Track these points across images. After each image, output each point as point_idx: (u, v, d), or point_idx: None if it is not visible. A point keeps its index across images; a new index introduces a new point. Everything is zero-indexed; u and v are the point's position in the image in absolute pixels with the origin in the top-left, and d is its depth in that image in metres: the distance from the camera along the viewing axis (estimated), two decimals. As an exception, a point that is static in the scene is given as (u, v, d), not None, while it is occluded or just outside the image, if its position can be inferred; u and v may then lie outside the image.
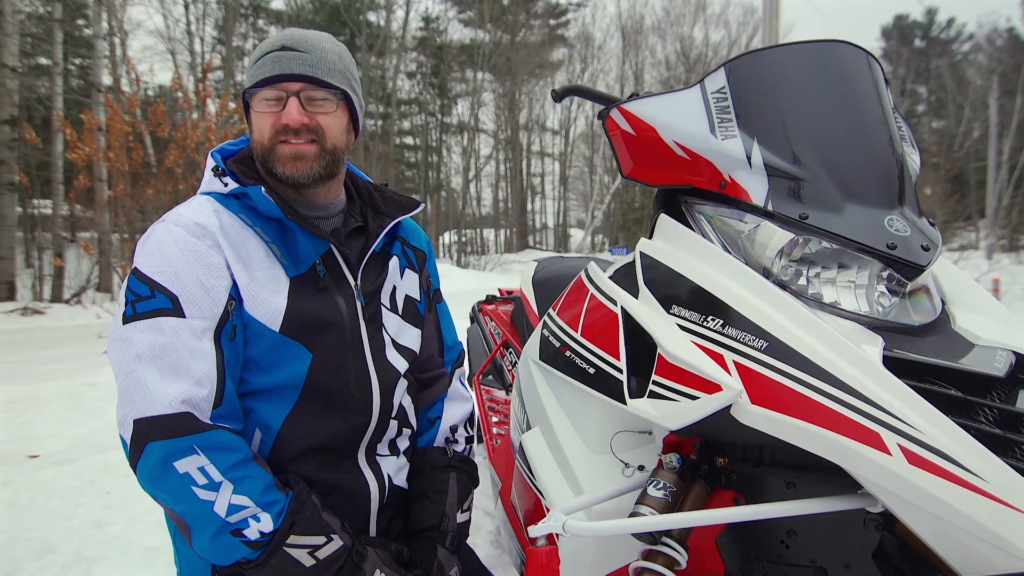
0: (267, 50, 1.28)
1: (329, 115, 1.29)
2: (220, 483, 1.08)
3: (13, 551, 2.28)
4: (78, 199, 10.68)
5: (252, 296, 1.22)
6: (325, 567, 1.12)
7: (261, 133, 1.27)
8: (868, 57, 1.31)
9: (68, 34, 16.81)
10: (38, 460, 3.33)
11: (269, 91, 1.26)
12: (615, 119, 1.40)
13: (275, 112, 1.26)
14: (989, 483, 0.85)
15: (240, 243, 1.24)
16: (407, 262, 1.49)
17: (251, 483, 1.11)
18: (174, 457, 1.07)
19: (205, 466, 1.08)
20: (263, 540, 1.09)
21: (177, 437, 1.08)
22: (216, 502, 1.07)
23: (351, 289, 1.33)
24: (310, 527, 1.13)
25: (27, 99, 15.20)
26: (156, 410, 1.08)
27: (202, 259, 1.19)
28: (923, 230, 1.15)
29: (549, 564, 0.99)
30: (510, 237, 35.93)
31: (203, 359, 1.14)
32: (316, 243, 1.30)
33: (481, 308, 3.17)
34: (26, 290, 13.56)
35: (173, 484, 1.08)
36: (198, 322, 1.15)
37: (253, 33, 28.54)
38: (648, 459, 1.27)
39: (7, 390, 4.83)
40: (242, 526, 1.08)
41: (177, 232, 1.20)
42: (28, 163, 15.17)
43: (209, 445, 1.09)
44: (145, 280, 1.17)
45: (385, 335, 1.39)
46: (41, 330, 9.65)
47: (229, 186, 1.27)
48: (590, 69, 34.10)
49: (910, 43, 35.99)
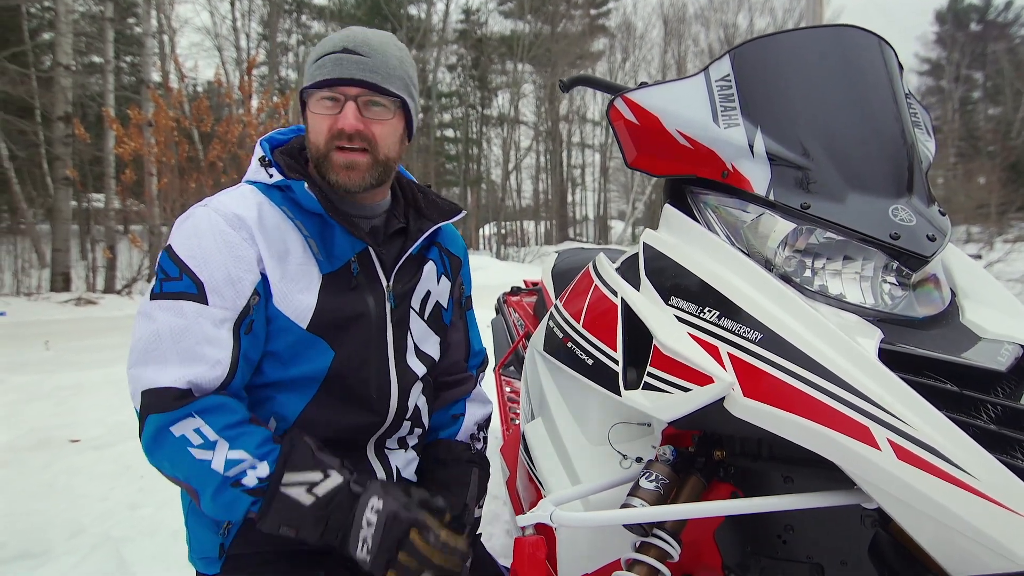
0: (328, 50, 1.27)
1: (384, 123, 1.28)
2: (215, 442, 1.10)
3: (48, 531, 2.38)
4: (126, 193, 11.01)
5: (282, 293, 1.23)
6: (325, 503, 1.11)
7: (317, 136, 1.27)
8: (880, 42, 1.27)
9: (119, 32, 17.31)
10: (79, 444, 3.47)
11: (327, 93, 1.26)
12: (619, 108, 1.38)
13: (332, 115, 1.25)
14: (980, 481, 0.82)
15: (278, 237, 1.25)
16: (443, 268, 1.49)
17: (247, 439, 1.12)
18: (171, 423, 1.10)
19: (200, 427, 1.10)
20: (262, 485, 1.10)
21: (175, 409, 1.11)
22: (213, 460, 1.09)
23: (383, 290, 1.34)
24: (304, 463, 1.13)
25: (81, 96, 15.72)
26: (162, 383, 1.12)
27: (234, 250, 1.20)
28: (930, 219, 1.12)
29: (534, 553, 1.00)
30: (550, 229, 35.85)
31: (219, 347, 1.16)
32: (353, 241, 1.31)
33: (506, 299, 3.18)
34: (80, 281, 14.07)
35: (171, 448, 1.10)
36: (219, 311, 1.17)
37: (297, 29, 28.99)
38: (646, 451, 1.27)
39: (57, 377, 5.01)
40: (240, 477, 1.10)
41: (215, 220, 1.22)
42: (82, 158, 15.71)
43: (204, 408, 1.12)
44: (176, 261, 1.19)
45: (410, 339, 1.39)
46: (92, 320, 10.00)
47: (274, 177, 1.28)
48: (631, 59, 33.73)
49: (965, 27, 34.66)
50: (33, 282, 13.97)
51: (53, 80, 13.75)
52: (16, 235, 16.34)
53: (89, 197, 16.85)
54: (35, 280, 14.07)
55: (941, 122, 29.57)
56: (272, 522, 1.10)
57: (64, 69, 13.29)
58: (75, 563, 2.21)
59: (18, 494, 2.84)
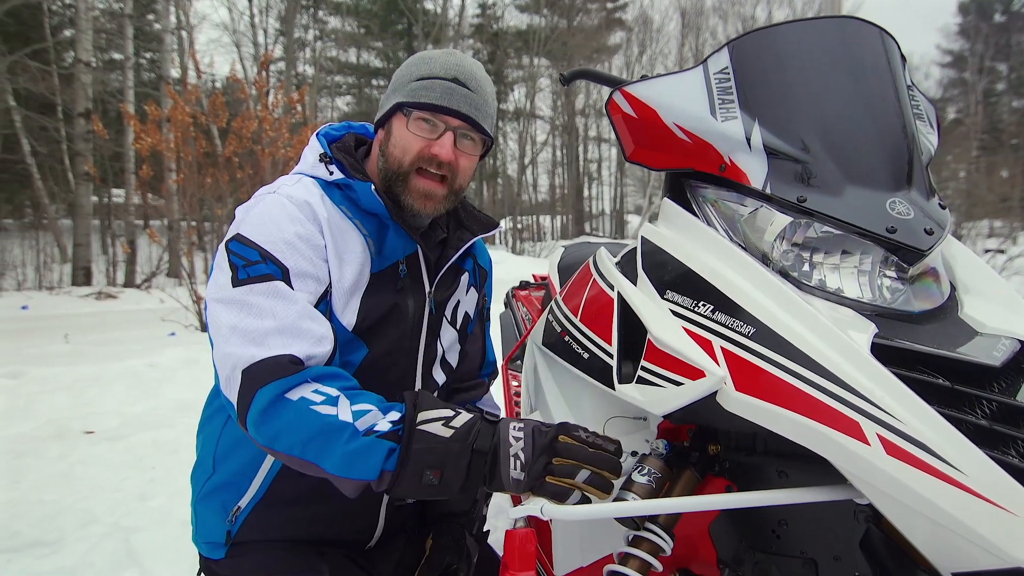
0: (438, 75, 1.29)
1: (470, 158, 1.33)
2: (337, 397, 1.06)
3: (61, 520, 2.43)
4: (143, 188, 11.14)
5: (337, 294, 1.23)
6: (464, 434, 1.05)
7: (404, 153, 1.28)
8: (881, 34, 1.26)
9: (139, 29, 17.50)
10: (93, 436, 3.53)
11: (428, 115, 1.28)
12: (617, 101, 1.38)
13: (428, 139, 1.28)
14: (969, 477, 0.81)
15: (339, 235, 1.25)
16: (473, 280, 1.51)
17: (366, 396, 1.09)
18: (287, 389, 1.05)
19: (319, 388, 1.06)
20: (396, 428, 1.04)
21: (292, 375, 1.06)
22: (339, 413, 1.04)
23: (424, 294, 1.35)
24: (434, 404, 1.09)
25: (101, 93, 15.91)
26: (265, 355, 1.07)
27: (311, 240, 1.21)
28: (929, 213, 1.10)
29: (524, 546, 0.99)
30: (566, 223, 35.75)
31: (319, 323, 1.15)
32: (406, 243, 1.32)
33: (515, 294, 3.18)
34: (101, 275, 14.27)
35: (291, 413, 1.04)
36: (305, 295, 1.17)
37: (314, 24, 29.10)
38: (642, 446, 1.26)
39: (76, 370, 5.08)
40: (372, 426, 1.04)
41: (289, 207, 1.22)
42: (102, 154, 15.92)
43: (319, 375, 1.08)
44: (254, 246, 1.17)
45: (439, 347, 1.41)
46: (112, 313, 10.15)
47: (334, 175, 1.29)
48: (648, 52, 33.49)
49: (989, 18, 34.04)
50: (55, 276, 14.21)
51: (74, 77, 13.94)
52: (39, 230, 16.61)
53: (109, 192, 17.08)
54: (57, 275, 14.31)
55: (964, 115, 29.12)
56: (414, 467, 1.02)
57: (84, 66, 13.46)
58: (85, 551, 2.26)
59: (33, 483, 2.90)
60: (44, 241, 15.92)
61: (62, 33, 18.80)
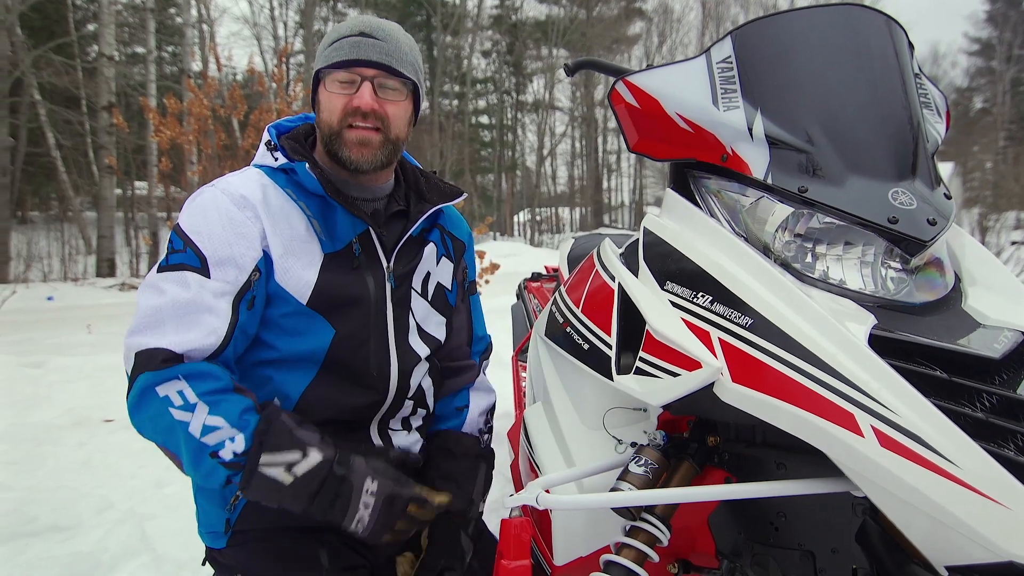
0: (345, 34, 1.32)
1: (396, 104, 1.33)
2: (195, 404, 1.11)
3: (78, 506, 2.48)
4: (165, 180, 11.28)
5: (284, 268, 1.27)
6: (306, 483, 1.12)
7: (331, 114, 1.31)
8: (887, 21, 1.24)
9: (160, 23, 17.65)
10: (112, 424, 3.59)
11: (344, 74, 1.30)
12: (620, 92, 1.37)
13: (347, 95, 1.30)
14: (963, 470, 0.80)
15: (282, 216, 1.29)
16: (444, 250, 1.51)
17: (227, 406, 1.14)
18: (157, 383, 1.12)
19: (183, 389, 1.12)
20: (238, 460, 1.11)
21: (163, 369, 1.13)
22: (191, 423, 1.11)
23: (383, 271, 1.37)
24: (281, 442, 1.13)
25: (123, 86, 16.10)
26: (155, 345, 1.15)
27: (237, 228, 1.25)
28: (932, 203, 1.08)
29: (519, 536, 1.00)
30: (585, 215, 35.65)
31: (217, 316, 1.20)
32: (355, 222, 1.34)
33: (526, 285, 3.18)
34: (125, 267, 14.48)
35: (153, 408, 1.12)
36: (220, 285, 1.21)
37: (333, 16, 29.19)
38: (641, 436, 1.26)
39: (97, 359, 5.17)
40: (218, 448, 1.11)
41: (221, 199, 1.27)
42: (125, 147, 16.12)
43: (190, 372, 1.14)
44: (182, 235, 1.25)
45: (411, 319, 1.42)
46: (134, 304, 10.20)
47: (279, 161, 1.33)
48: (668, 42, 33.23)
49: (1018, 5, 33.32)
50: (80, 268, 14.43)
51: (97, 70, 14.11)
52: (64, 222, 16.88)
53: (132, 185, 17.29)
54: (81, 266, 14.54)
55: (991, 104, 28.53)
56: (252, 497, 1.14)
57: (107, 60, 13.62)
58: (100, 537, 2.30)
59: (52, 471, 2.95)
60: (69, 233, 16.19)
61: (85, 27, 19.04)
